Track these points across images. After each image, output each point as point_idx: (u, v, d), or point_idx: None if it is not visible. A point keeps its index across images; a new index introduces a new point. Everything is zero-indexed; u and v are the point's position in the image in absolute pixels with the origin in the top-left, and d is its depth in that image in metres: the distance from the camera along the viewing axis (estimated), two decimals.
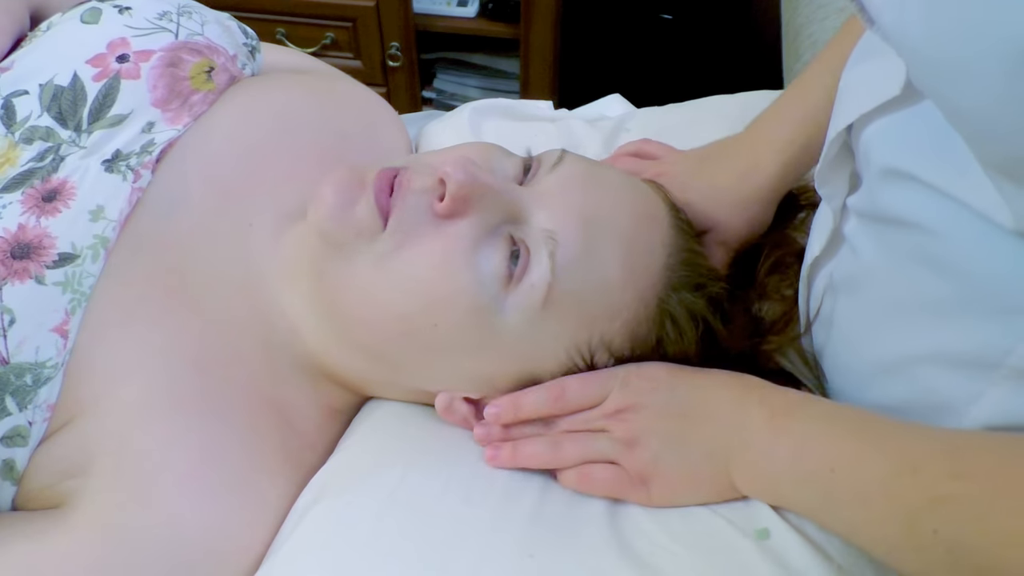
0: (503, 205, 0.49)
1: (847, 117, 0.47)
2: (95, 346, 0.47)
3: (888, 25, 0.36)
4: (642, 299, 0.51)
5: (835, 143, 0.49)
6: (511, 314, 0.48)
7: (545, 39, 1.47)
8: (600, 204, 0.51)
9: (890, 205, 0.44)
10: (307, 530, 0.48)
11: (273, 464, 0.50)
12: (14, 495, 0.46)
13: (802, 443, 0.44)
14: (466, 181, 0.47)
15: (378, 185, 0.49)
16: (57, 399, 0.46)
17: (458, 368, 0.51)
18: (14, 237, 0.47)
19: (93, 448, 0.46)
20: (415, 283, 0.48)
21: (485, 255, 0.48)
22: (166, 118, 0.55)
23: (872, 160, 0.46)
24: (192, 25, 0.60)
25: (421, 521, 0.47)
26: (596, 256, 0.49)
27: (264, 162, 0.58)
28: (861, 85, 0.47)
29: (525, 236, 0.49)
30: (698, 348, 0.53)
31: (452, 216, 0.48)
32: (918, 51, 0.35)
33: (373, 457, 0.52)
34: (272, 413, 0.52)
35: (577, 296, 0.49)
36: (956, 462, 0.38)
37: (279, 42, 1.48)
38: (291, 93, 0.64)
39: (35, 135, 0.52)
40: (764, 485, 0.47)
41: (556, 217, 0.49)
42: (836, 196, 0.50)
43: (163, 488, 0.46)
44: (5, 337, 0.45)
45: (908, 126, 0.43)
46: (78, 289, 0.47)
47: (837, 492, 0.42)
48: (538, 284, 0.48)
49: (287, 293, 0.54)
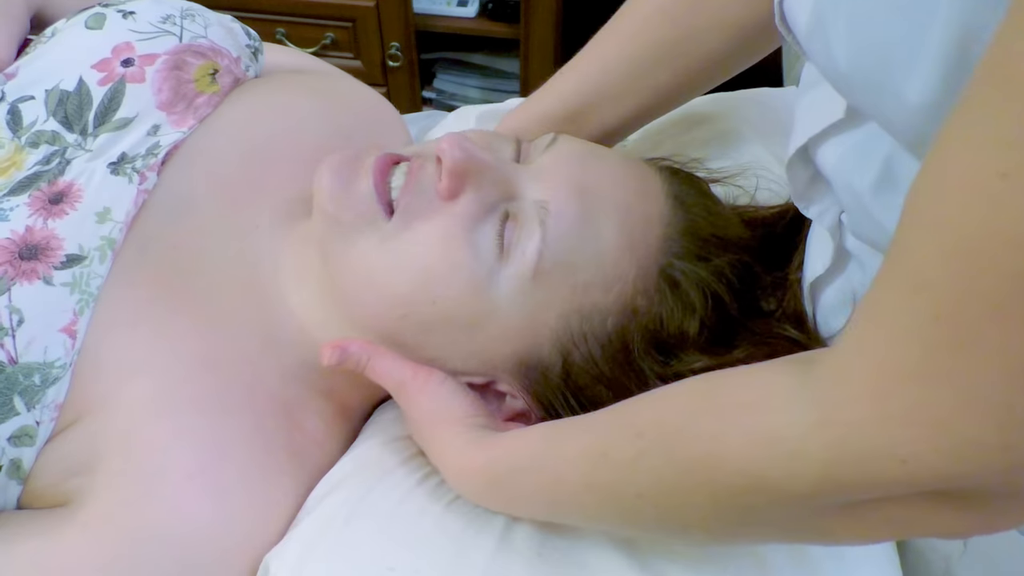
0: (500, 182, 0.50)
1: (796, 142, 0.48)
2: (103, 346, 0.48)
3: (816, 54, 0.38)
4: (640, 269, 0.50)
5: (800, 168, 0.49)
6: (504, 286, 0.49)
7: (545, 39, 1.47)
8: (595, 177, 0.51)
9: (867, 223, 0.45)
10: (325, 512, 0.49)
11: (280, 463, 0.51)
12: (20, 494, 0.47)
13: (493, 453, 0.47)
14: (462, 157, 0.49)
15: (377, 168, 0.51)
16: (65, 399, 0.46)
17: (459, 348, 0.51)
18: (22, 239, 0.48)
19: (100, 446, 0.46)
20: (415, 260, 0.49)
21: (483, 231, 0.49)
22: (171, 121, 0.56)
23: (839, 183, 0.46)
24: (195, 28, 0.60)
25: (439, 511, 0.49)
26: (590, 226, 0.49)
27: (269, 163, 0.58)
28: (810, 110, 0.47)
29: (520, 210, 0.50)
30: (704, 324, 0.51)
31: (452, 195, 0.49)
32: (844, 75, 0.37)
33: (397, 453, 0.53)
34: (279, 412, 0.52)
35: (570, 265, 0.49)
36: (632, 423, 0.40)
37: (279, 42, 1.48)
38: (294, 94, 0.64)
39: (41, 139, 0.53)
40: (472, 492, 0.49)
41: (549, 189, 0.50)
42: (827, 215, 0.51)
43: (170, 486, 0.46)
44: (14, 337, 0.46)
45: (868, 142, 0.43)
46: (86, 290, 0.48)
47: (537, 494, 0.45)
48: (529, 253, 0.48)
49: (294, 291, 0.55)
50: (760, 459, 0.34)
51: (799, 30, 0.41)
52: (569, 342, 0.51)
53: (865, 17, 0.35)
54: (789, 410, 0.33)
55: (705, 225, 0.53)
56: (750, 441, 0.34)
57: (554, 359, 0.51)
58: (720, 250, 0.53)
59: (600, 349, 0.50)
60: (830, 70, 0.38)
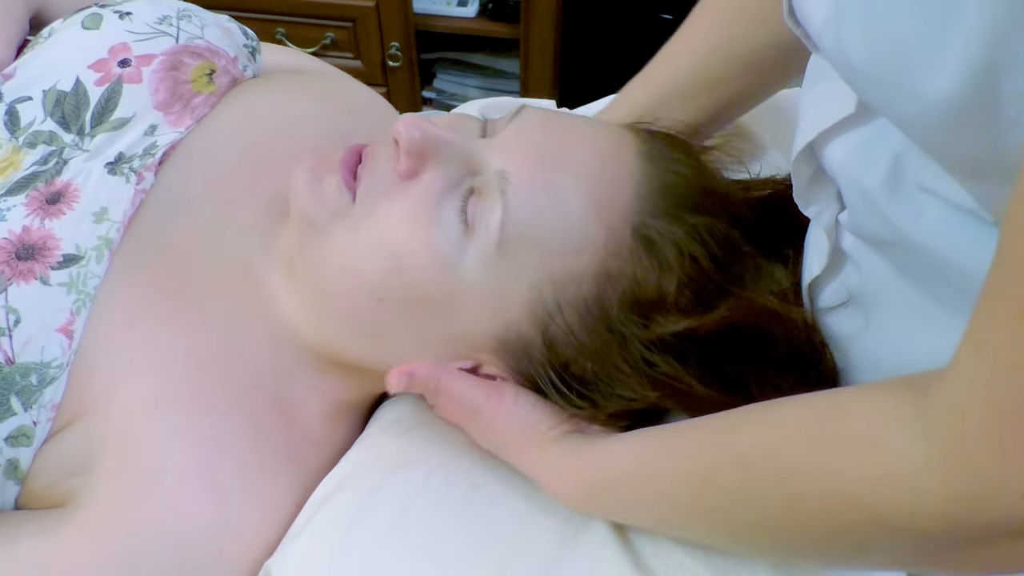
0: (461, 157, 0.50)
1: (805, 137, 0.47)
2: (100, 346, 0.48)
3: (829, 49, 0.37)
4: (611, 232, 0.49)
5: (803, 164, 0.48)
6: (472, 260, 0.48)
7: (545, 39, 1.48)
8: (557, 142, 0.50)
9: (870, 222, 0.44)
10: (327, 517, 0.49)
11: (277, 463, 0.51)
12: (17, 494, 0.47)
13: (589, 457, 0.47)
14: (418, 136, 0.49)
15: (344, 160, 0.51)
16: (62, 399, 0.46)
17: (439, 331, 0.51)
18: (19, 239, 0.48)
19: (97, 446, 0.46)
20: (381, 243, 0.49)
21: (447, 208, 0.49)
22: (168, 121, 0.56)
23: (845, 180, 0.46)
24: (192, 29, 0.60)
25: (443, 520, 0.48)
26: (554, 192, 0.48)
27: (266, 163, 0.58)
28: (817, 105, 0.47)
29: (484, 183, 0.49)
30: (683, 284, 0.49)
31: (412, 174, 0.49)
32: (859, 71, 0.36)
33: (400, 452, 0.53)
34: (277, 412, 0.52)
35: (535, 234, 0.48)
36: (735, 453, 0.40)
37: (279, 42, 1.48)
38: (292, 94, 0.64)
39: (38, 139, 0.53)
40: None
41: (509, 158, 0.49)
42: (824, 215, 0.50)
43: (167, 486, 0.46)
44: (11, 337, 0.46)
45: (876, 138, 0.43)
46: (83, 290, 0.48)
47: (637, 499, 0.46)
48: (492, 225, 0.48)
49: (282, 288, 0.54)
50: (878, 495, 0.33)
51: (812, 24, 0.40)
52: (545, 313, 0.49)
53: (883, 12, 0.34)
54: (906, 444, 0.32)
55: (681, 182, 0.51)
56: (868, 477, 0.34)
57: (534, 334, 0.50)
58: (699, 209, 0.51)
59: (578, 317, 0.49)
60: (843, 65, 0.37)
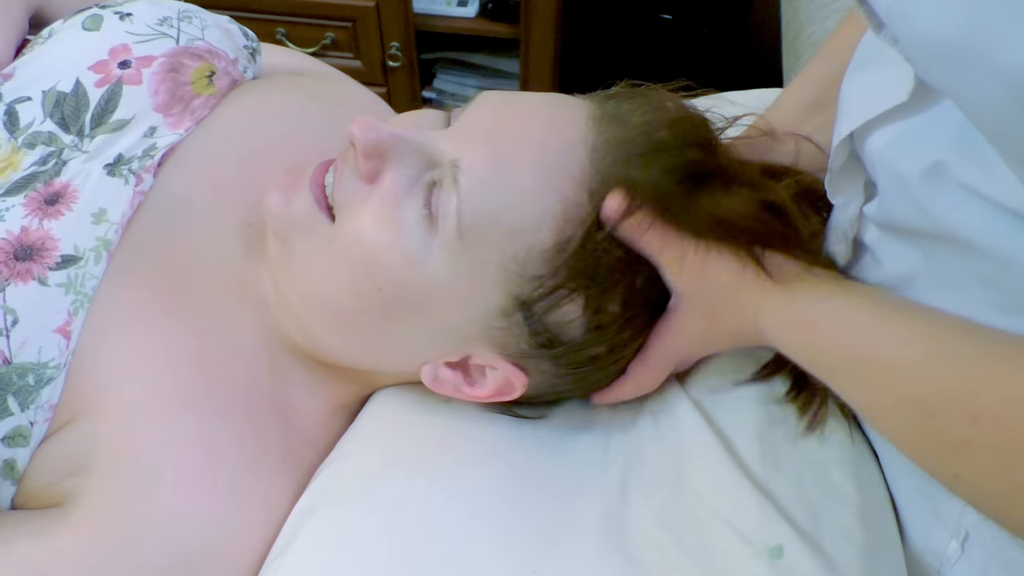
0: (418, 151, 0.49)
1: (850, 124, 0.46)
2: (98, 347, 0.48)
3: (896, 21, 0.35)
4: (566, 201, 0.47)
5: (840, 151, 0.48)
6: (438, 254, 0.48)
7: (545, 39, 1.48)
8: (505, 122, 0.50)
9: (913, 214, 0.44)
10: (308, 541, 0.48)
11: (274, 463, 0.51)
12: (14, 494, 0.47)
13: None
14: (373, 136, 0.49)
15: (315, 176, 0.51)
16: (59, 399, 0.46)
17: (424, 331, 0.51)
18: (17, 239, 0.48)
19: (94, 447, 0.46)
20: (351, 252, 0.49)
21: (409, 205, 0.49)
22: (168, 123, 0.56)
23: (882, 168, 0.45)
24: (192, 30, 0.60)
25: (423, 538, 0.48)
26: (504, 172, 0.48)
27: (265, 165, 0.58)
28: (863, 92, 0.46)
29: (440, 175, 0.49)
30: None
31: (375, 176, 0.49)
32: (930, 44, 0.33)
33: (378, 460, 0.53)
34: (273, 412, 0.52)
35: (491, 216, 0.47)
36: (971, 404, 0.38)
37: (279, 42, 1.48)
38: (291, 96, 0.64)
39: (38, 140, 0.53)
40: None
41: (460, 145, 0.49)
42: (850, 205, 0.49)
43: (164, 487, 0.46)
44: (8, 337, 0.46)
45: (921, 131, 0.42)
46: (81, 290, 0.48)
47: None
48: (450, 215, 0.47)
49: (272, 295, 0.55)
50: None
51: None
52: (520, 291, 0.49)
53: None
54: None
55: (638, 132, 0.49)
56: None
57: (513, 312, 0.49)
58: (660, 147, 0.48)
59: (552, 288, 0.49)
60: (912, 39, 0.35)
